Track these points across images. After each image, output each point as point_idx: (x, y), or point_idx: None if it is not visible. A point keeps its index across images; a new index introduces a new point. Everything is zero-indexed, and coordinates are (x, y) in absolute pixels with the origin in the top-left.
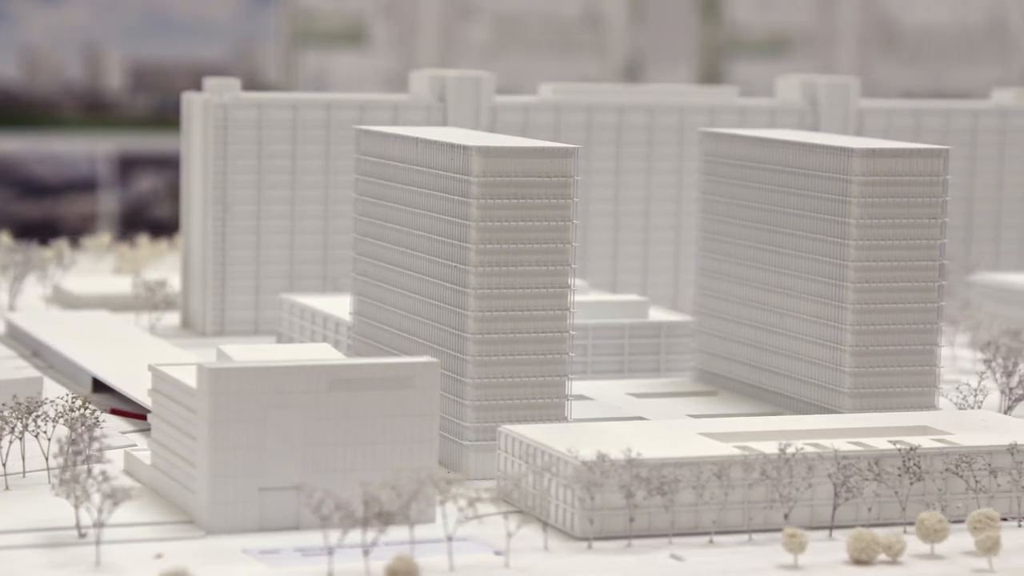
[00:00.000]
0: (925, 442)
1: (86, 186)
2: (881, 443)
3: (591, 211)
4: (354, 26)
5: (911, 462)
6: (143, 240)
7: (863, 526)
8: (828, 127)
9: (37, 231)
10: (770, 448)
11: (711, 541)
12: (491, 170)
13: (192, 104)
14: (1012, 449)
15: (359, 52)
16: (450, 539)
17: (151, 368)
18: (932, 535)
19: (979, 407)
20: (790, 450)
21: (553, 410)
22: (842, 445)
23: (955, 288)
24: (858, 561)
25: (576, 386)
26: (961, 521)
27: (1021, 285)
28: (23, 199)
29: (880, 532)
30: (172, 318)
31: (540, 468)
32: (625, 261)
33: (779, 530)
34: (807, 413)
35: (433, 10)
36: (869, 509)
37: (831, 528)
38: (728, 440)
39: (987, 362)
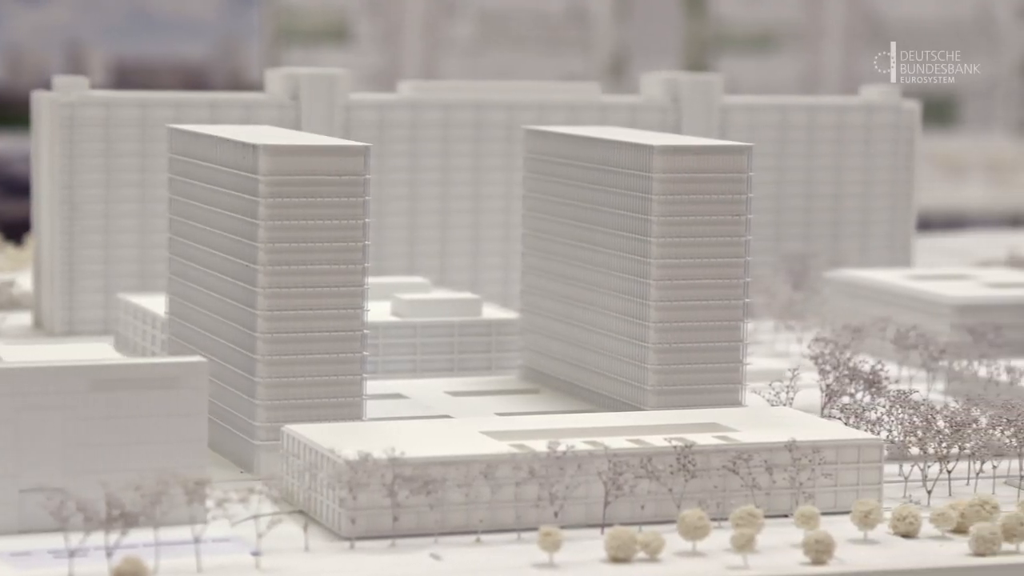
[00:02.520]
0: (706, 439)
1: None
2: (659, 440)
3: (447, 209)
4: (338, 24)
5: (686, 459)
6: None
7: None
8: (690, 124)
9: None
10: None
11: (478, 540)
12: (279, 169)
13: (40, 103)
14: (790, 446)
15: (343, 49)
16: (197, 540)
17: None
18: (693, 532)
19: (790, 404)
20: (560, 448)
21: (348, 409)
22: (622, 443)
23: (814, 284)
24: (617, 559)
25: (396, 384)
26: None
27: (874, 281)
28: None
29: (649, 528)
30: (24, 318)
31: (305, 468)
32: (468, 259)
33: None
34: (618, 410)
35: (418, 7)
36: (643, 507)
37: (602, 526)
38: (508, 439)
39: (814, 359)
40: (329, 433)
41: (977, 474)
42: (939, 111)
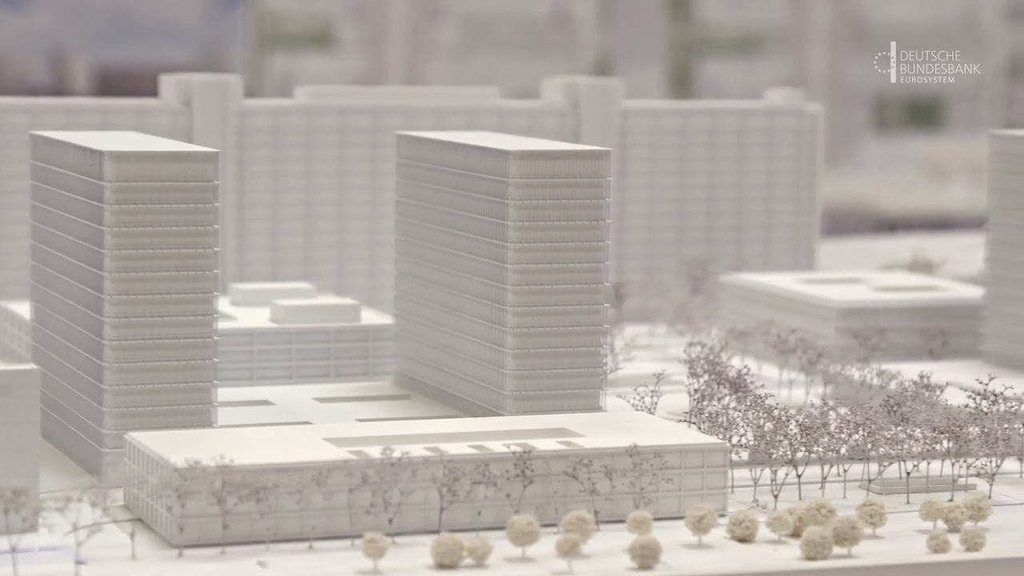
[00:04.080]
0: (549, 445)
1: None
2: (499, 446)
3: (344, 214)
4: (322, 28)
5: (524, 465)
6: None
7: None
8: (590, 129)
9: None
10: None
11: (311, 547)
12: (125, 175)
13: None
14: (631, 451)
15: (328, 54)
16: (14, 550)
17: None
18: (522, 538)
19: (653, 409)
20: (395, 455)
21: (198, 416)
22: (463, 448)
23: (713, 288)
24: (443, 565)
25: (267, 391)
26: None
27: (766, 285)
28: None
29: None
30: None
31: (136, 475)
32: (365, 265)
33: (387, 535)
34: (480, 415)
35: (402, 11)
36: (479, 512)
37: (438, 531)
38: (349, 445)
39: (688, 363)
40: (168, 440)
41: (824, 478)
42: (925, 114)
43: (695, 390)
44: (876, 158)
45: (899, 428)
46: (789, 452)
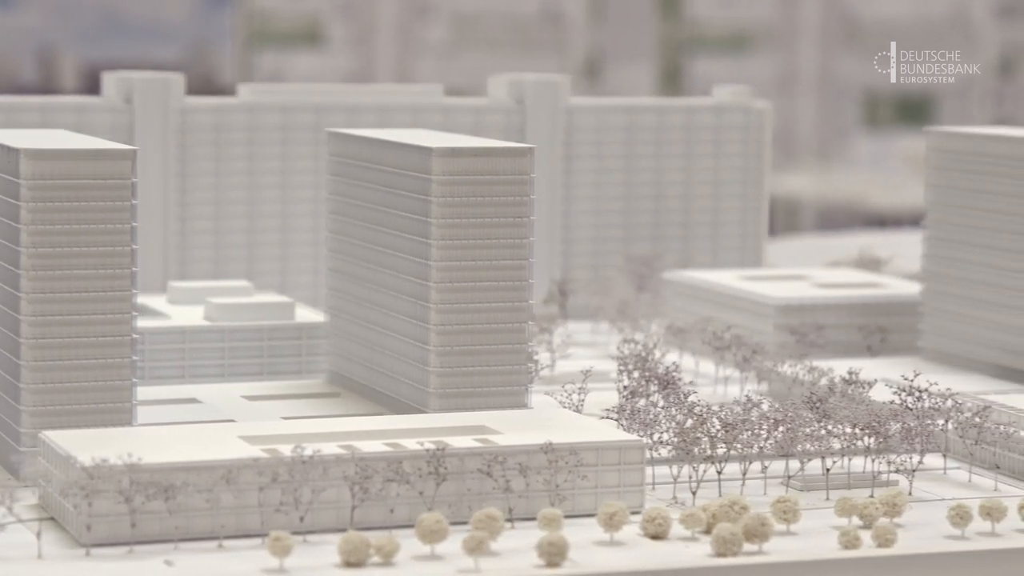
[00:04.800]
0: (465, 442)
1: None
2: (414, 444)
3: (287, 212)
4: (310, 26)
5: (437, 463)
6: None
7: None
8: (536, 126)
9: None
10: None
11: (221, 545)
12: (41, 173)
13: None
14: (545, 448)
15: (316, 52)
16: None
17: None
18: (430, 536)
19: (581, 407)
20: (306, 453)
21: (118, 415)
22: (378, 446)
23: (656, 285)
24: (350, 563)
25: (196, 389)
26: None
27: (707, 283)
28: None
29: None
30: None
31: (49, 474)
32: (310, 263)
33: (299, 533)
34: (406, 413)
35: (391, 10)
36: (392, 511)
37: (349, 529)
38: (264, 443)
39: (618, 359)
40: (81, 439)
41: (744, 474)
42: (915, 111)
43: (624, 387)
44: (867, 155)
45: (820, 424)
46: (708, 449)
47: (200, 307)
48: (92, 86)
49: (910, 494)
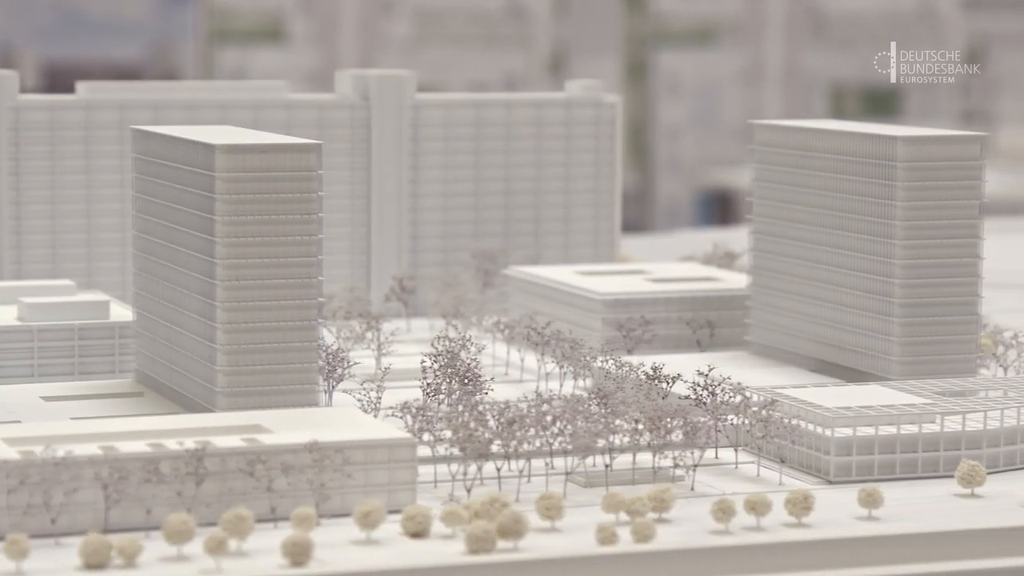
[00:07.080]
0: (230, 442)
1: None
2: (174, 444)
3: (126, 211)
4: (273, 23)
5: (196, 463)
6: None
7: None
8: (381, 122)
9: None
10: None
11: None
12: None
13: None
14: (310, 447)
15: (279, 48)
16: None
17: None
18: (177, 537)
19: (378, 405)
20: (58, 454)
21: None
22: (140, 447)
23: (499, 281)
24: (91, 565)
25: None
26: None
27: (543, 278)
28: None
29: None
30: None
31: None
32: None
33: (50, 536)
34: (199, 412)
35: (353, 5)
36: (148, 511)
37: (105, 531)
38: (27, 444)
39: (425, 356)
40: None
41: (521, 471)
42: (882, 103)
43: (427, 384)
44: None
45: (605, 421)
46: (480, 447)
47: (14, 307)
48: (52, 83)
49: (692, 489)
